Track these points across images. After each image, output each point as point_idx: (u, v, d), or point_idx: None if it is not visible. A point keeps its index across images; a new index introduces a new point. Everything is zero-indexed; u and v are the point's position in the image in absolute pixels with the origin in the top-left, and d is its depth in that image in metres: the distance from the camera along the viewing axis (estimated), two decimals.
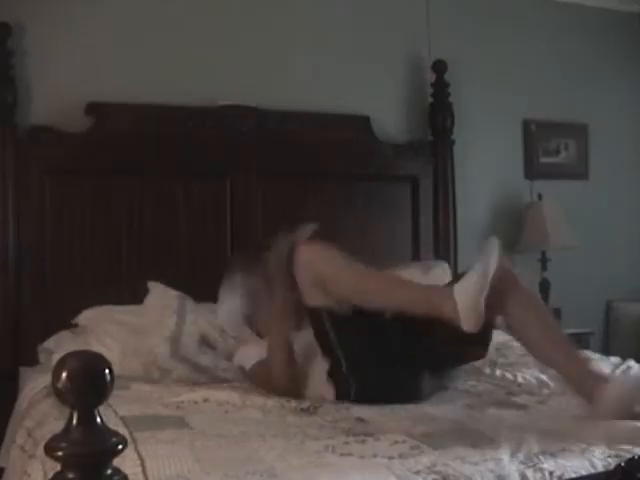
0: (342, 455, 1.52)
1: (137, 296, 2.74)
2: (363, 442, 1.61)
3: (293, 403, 2.06)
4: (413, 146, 3.52)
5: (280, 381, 2.11)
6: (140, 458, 1.44)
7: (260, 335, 2.45)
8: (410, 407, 2.00)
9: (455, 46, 3.65)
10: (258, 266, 2.35)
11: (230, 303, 2.51)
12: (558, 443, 1.59)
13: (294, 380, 2.12)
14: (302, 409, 1.98)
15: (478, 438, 1.64)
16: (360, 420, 1.84)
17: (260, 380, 2.22)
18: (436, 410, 1.97)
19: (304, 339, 2.22)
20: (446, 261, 3.46)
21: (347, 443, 1.60)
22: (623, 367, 2.49)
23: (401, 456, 1.49)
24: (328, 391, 2.11)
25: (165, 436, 1.65)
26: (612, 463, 1.44)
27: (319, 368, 2.15)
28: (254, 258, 2.39)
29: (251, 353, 2.31)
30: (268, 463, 1.45)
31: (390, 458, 1.48)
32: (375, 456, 1.50)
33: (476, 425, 1.78)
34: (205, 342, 2.52)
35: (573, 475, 1.41)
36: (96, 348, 2.52)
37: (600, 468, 1.44)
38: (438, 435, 1.67)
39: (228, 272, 2.56)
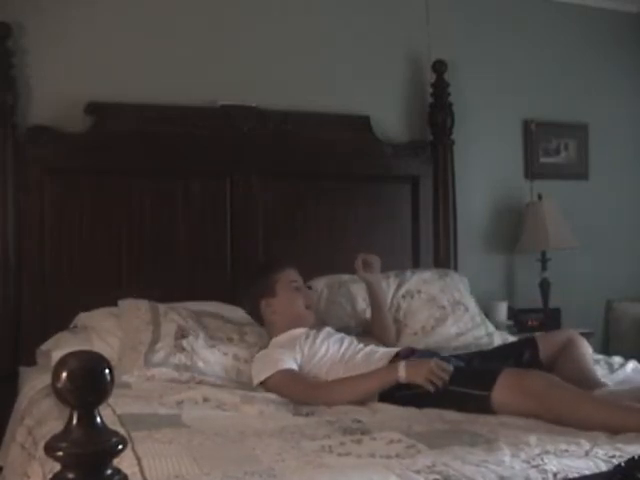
0: (340, 455, 1.52)
1: (137, 296, 2.73)
2: (359, 442, 1.61)
3: (291, 405, 2.07)
4: (413, 146, 3.51)
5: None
6: (137, 458, 1.44)
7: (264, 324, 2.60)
8: (406, 409, 2.01)
9: (455, 46, 3.65)
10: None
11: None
12: (557, 443, 1.59)
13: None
14: (299, 412, 2.00)
15: (475, 438, 1.64)
16: (357, 421, 1.85)
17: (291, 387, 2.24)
18: (431, 411, 1.98)
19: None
20: (446, 261, 3.48)
21: (343, 443, 1.60)
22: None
23: (398, 455, 1.50)
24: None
25: (162, 435, 1.65)
26: (616, 464, 1.44)
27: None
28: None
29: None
30: (266, 463, 1.45)
31: (388, 457, 1.48)
32: (373, 456, 1.50)
33: (472, 426, 1.79)
34: (184, 335, 2.50)
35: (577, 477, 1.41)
36: (97, 344, 2.53)
37: (604, 469, 1.44)
38: (434, 435, 1.67)
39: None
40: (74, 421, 1.00)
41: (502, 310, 3.52)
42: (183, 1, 3.24)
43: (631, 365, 2.59)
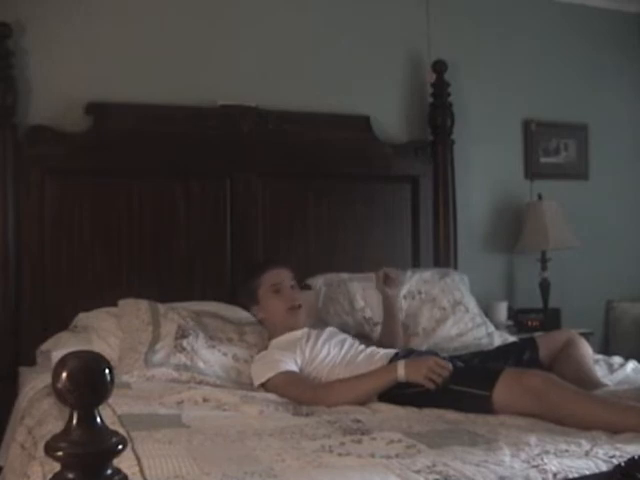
0: (340, 455, 1.52)
1: (136, 297, 2.73)
2: (359, 442, 1.61)
3: (291, 405, 2.07)
4: (413, 146, 3.51)
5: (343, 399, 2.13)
6: (137, 458, 1.44)
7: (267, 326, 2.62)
8: (406, 409, 2.01)
9: (455, 46, 3.65)
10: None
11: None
12: (557, 443, 1.59)
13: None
14: (299, 412, 2.00)
15: (475, 438, 1.64)
16: (357, 421, 1.85)
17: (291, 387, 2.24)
18: (431, 411, 1.98)
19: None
20: (446, 260, 3.48)
21: (343, 443, 1.60)
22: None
23: (398, 455, 1.50)
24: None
25: (162, 435, 1.65)
26: (616, 464, 1.44)
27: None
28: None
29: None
30: (266, 463, 1.45)
31: (388, 457, 1.48)
32: (373, 456, 1.50)
33: (472, 426, 1.79)
34: (184, 334, 2.50)
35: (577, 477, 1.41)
36: (97, 344, 2.53)
37: (604, 469, 1.44)
38: (434, 435, 1.67)
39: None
40: (74, 421, 1.00)
41: (502, 310, 3.52)
42: (183, 1, 3.24)
43: (631, 365, 2.59)
